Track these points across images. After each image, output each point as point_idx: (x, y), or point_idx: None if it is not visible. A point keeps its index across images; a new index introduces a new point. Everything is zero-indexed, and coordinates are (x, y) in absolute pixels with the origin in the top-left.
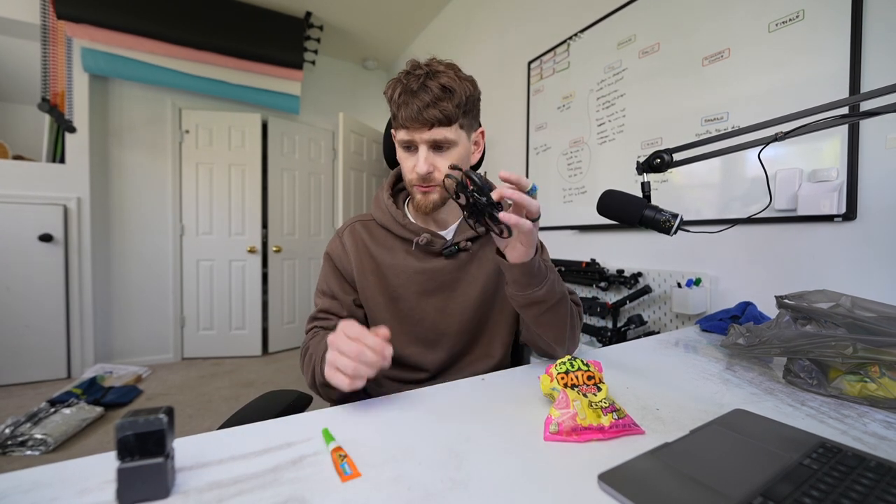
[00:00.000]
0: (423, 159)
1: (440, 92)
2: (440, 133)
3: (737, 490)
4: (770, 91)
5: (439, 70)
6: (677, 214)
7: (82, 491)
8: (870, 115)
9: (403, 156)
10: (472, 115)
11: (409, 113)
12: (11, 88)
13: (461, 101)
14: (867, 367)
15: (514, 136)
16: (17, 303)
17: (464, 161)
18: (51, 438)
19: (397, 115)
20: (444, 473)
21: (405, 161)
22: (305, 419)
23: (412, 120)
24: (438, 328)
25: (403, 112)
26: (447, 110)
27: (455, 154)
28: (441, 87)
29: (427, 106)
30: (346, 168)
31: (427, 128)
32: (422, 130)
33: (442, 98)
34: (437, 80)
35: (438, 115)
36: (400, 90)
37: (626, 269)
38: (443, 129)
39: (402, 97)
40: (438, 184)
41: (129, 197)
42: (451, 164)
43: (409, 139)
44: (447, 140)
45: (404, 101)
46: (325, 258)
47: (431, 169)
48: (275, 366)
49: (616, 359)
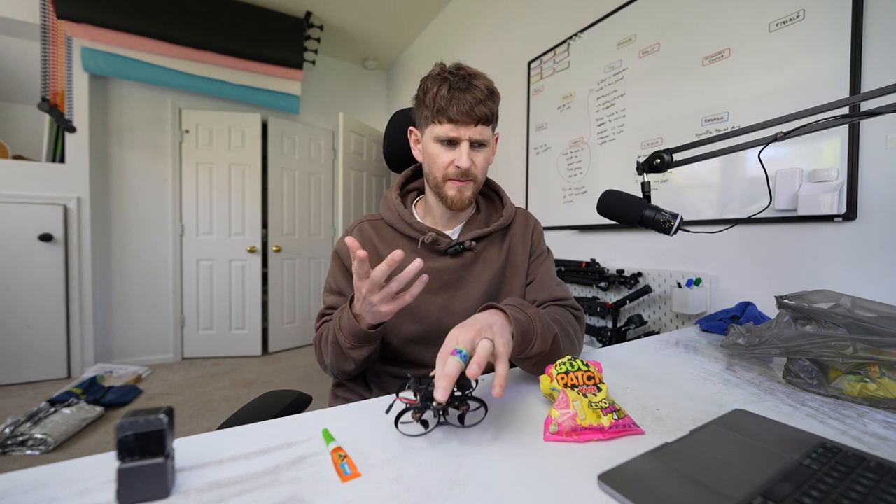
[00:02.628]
0: (466, 154)
1: (487, 92)
2: (483, 132)
3: (737, 490)
4: (770, 91)
5: (478, 73)
6: (677, 214)
7: (82, 491)
8: (870, 115)
9: (439, 150)
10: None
11: (461, 108)
12: (11, 88)
13: (498, 105)
14: (867, 367)
15: (514, 136)
16: (17, 303)
17: (489, 161)
18: (51, 438)
19: (445, 110)
20: (444, 473)
21: (441, 156)
22: (305, 419)
23: (464, 114)
24: (441, 326)
25: (455, 107)
26: (493, 109)
27: (486, 154)
28: (487, 88)
29: (479, 102)
30: (346, 168)
31: (474, 124)
32: (469, 126)
33: (489, 98)
34: (482, 81)
35: (487, 112)
36: (448, 87)
37: (626, 269)
38: (484, 128)
39: (452, 93)
40: (473, 178)
41: (129, 197)
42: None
43: (455, 135)
44: (486, 139)
45: (455, 97)
46: (333, 256)
47: (471, 164)
48: (275, 366)
49: (616, 359)
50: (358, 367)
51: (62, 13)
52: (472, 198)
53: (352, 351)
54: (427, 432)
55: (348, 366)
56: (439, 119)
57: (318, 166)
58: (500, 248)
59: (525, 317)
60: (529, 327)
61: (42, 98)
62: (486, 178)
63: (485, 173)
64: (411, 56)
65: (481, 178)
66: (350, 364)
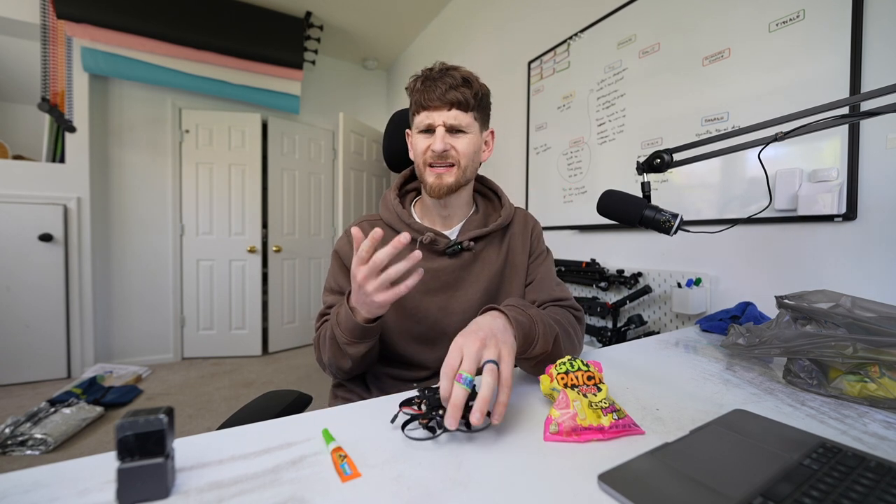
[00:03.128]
0: (441, 138)
1: (461, 79)
2: (458, 117)
3: (737, 490)
4: (770, 91)
5: (459, 67)
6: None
7: (82, 491)
8: (870, 115)
9: (420, 139)
10: (485, 112)
11: (432, 94)
12: (11, 88)
13: (477, 92)
14: (867, 367)
15: (514, 136)
16: (17, 303)
17: (476, 154)
18: (51, 438)
19: (420, 100)
20: (444, 473)
21: (421, 143)
22: (305, 419)
23: (435, 99)
24: (440, 326)
25: (426, 94)
26: (466, 95)
27: (469, 141)
28: (462, 76)
29: (450, 88)
30: (346, 168)
31: (447, 108)
32: (441, 110)
33: (462, 84)
34: (458, 70)
35: (459, 97)
36: (423, 77)
37: (626, 269)
38: (460, 113)
39: (426, 83)
40: (455, 162)
41: (129, 197)
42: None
43: (430, 121)
44: (463, 125)
45: (427, 85)
46: (333, 256)
47: (448, 147)
48: (275, 366)
49: (616, 359)
50: (356, 365)
51: (62, 13)
52: (455, 185)
53: (349, 347)
54: (435, 437)
55: (346, 363)
56: (417, 110)
57: (318, 166)
58: (499, 248)
59: (527, 318)
60: (531, 328)
61: (42, 98)
62: (484, 178)
63: (470, 160)
64: (411, 56)
65: (466, 164)
66: (347, 361)
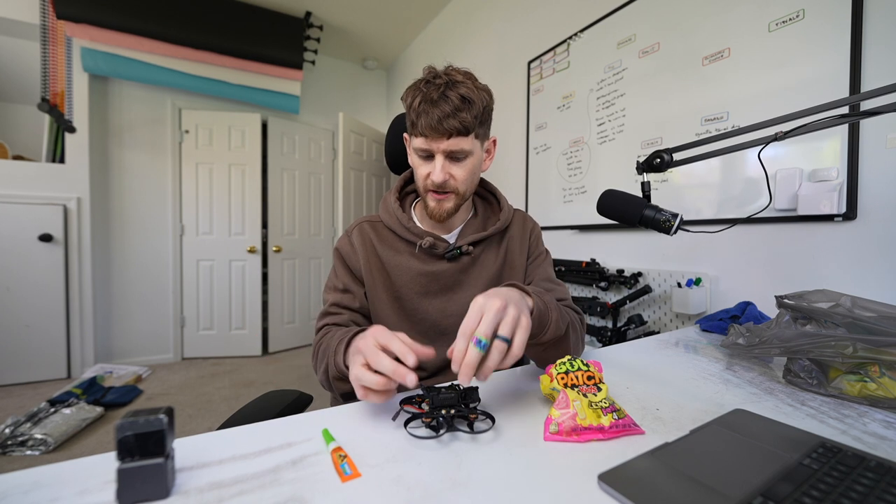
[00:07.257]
0: (440, 168)
1: (460, 102)
2: (458, 144)
3: (737, 490)
4: (770, 91)
5: (458, 80)
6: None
7: (82, 491)
8: (870, 114)
9: (419, 162)
10: (487, 124)
11: (428, 122)
12: (11, 88)
13: (478, 112)
14: (867, 367)
15: (514, 136)
16: (17, 303)
17: (475, 174)
18: (51, 438)
19: (416, 124)
20: (444, 473)
21: (420, 168)
22: (305, 419)
23: (432, 129)
24: (439, 328)
25: (423, 121)
26: (466, 121)
27: (469, 164)
28: (461, 97)
29: (447, 116)
30: (346, 168)
31: (445, 137)
32: (440, 140)
33: (461, 109)
34: (457, 90)
35: (458, 125)
36: (420, 99)
37: (626, 269)
38: (460, 139)
39: (423, 106)
40: (453, 191)
41: (129, 197)
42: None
43: (427, 148)
44: (464, 150)
45: (424, 110)
46: (334, 255)
47: (447, 178)
48: (275, 366)
49: (616, 359)
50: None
51: (62, 13)
52: (454, 209)
53: (337, 382)
54: (438, 436)
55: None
56: (415, 132)
57: (318, 166)
58: (498, 250)
59: (542, 302)
60: (546, 312)
61: (42, 98)
62: (482, 181)
63: (469, 184)
64: (411, 56)
65: (464, 189)
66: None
